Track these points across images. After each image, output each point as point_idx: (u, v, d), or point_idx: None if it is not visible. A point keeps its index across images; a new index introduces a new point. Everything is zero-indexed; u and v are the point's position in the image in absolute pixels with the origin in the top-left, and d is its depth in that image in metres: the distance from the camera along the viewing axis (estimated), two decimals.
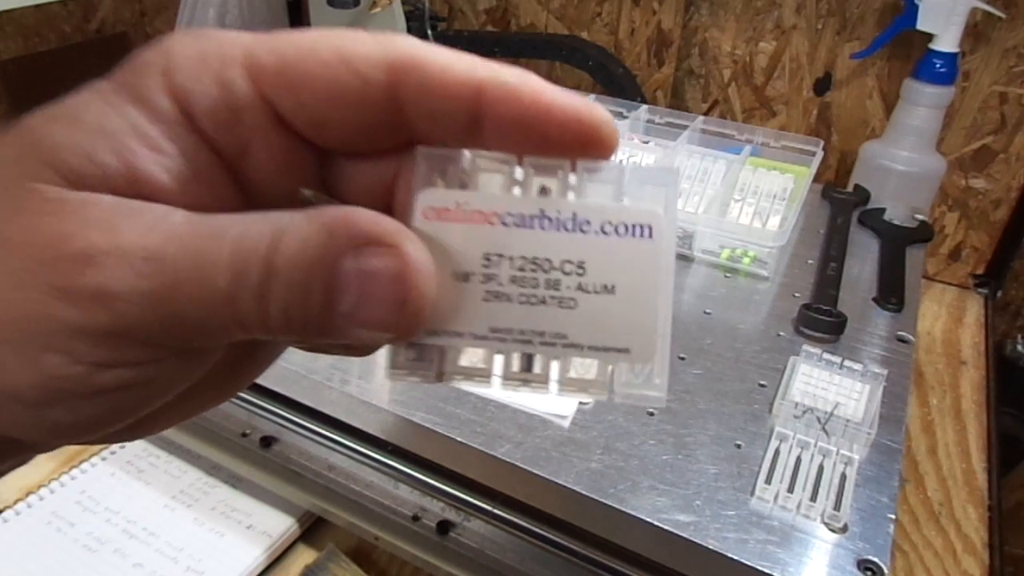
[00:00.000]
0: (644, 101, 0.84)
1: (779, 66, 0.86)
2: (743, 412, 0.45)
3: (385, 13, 0.92)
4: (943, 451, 0.63)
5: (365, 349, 0.18)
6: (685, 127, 0.73)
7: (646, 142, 0.71)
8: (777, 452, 0.42)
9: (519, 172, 0.16)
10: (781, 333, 0.53)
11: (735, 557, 0.36)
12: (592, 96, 0.79)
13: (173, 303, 0.14)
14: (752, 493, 0.39)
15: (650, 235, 0.16)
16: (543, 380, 0.16)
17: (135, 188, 0.15)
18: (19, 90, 1.08)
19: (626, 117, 0.76)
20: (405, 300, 0.14)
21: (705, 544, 0.37)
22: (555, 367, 0.16)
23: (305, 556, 0.52)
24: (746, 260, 0.60)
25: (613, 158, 0.17)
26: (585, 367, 0.16)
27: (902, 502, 0.57)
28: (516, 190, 0.16)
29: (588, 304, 0.16)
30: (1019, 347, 0.82)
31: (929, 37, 0.73)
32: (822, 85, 0.85)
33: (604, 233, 0.16)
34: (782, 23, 0.84)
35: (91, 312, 0.14)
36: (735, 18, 0.86)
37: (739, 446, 0.42)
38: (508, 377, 0.16)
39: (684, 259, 0.61)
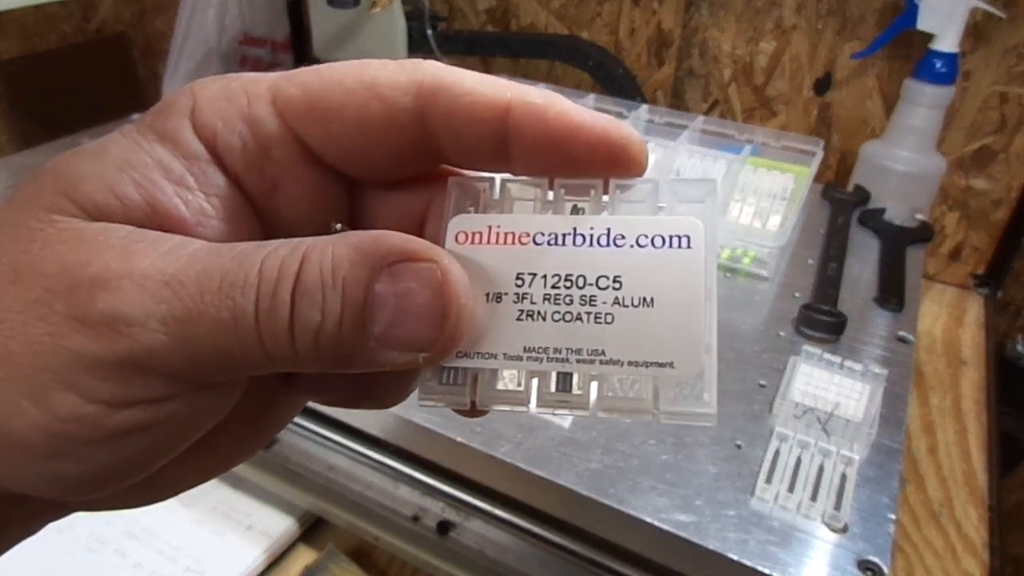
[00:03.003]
0: (644, 101, 0.84)
1: (779, 66, 0.86)
2: (743, 412, 0.45)
3: (385, 13, 0.92)
4: (943, 451, 0.63)
5: (392, 388, 0.17)
6: (685, 127, 0.73)
7: (646, 142, 0.71)
8: (777, 452, 0.42)
9: (551, 196, 0.16)
10: (781, 333, 0.53)
11: (735, 557, 0.36)
12: (592, 96, 0.79)
13: (195, 329, 0.13)
14: (752, 493, 0.39)
15: (688, 245, 0.15)
16: (583, 402, 0.15)
17: (157, 222, 0.15)
18: (19, 90, 1.08)
19: (626, 117, 0.76)
20: (446, 314, 0.14)
21: (705, 544, 0.37)
22: (594, 387, 0.15)
23: (305, 556, 0.52)
24: (746, 260, 0.60)
25: (646, 176, 0.16)
26: (627, 386, 0.15)
27: (902, 502, 0.57)
28: (549, 212, 0.16)
29: (626, 318, 0.15)
30: (1019, 347, 0.82)
31: (929, 37, 0.73)
32: (822, 85, 0.85)
33: (640, 246, 0.15)
34: (782, 23, 0.84)
35: (106, 340, 0.13)
36: (735, 18, 0.86)
37: (739, 446, 0.42)
38: (545, 400, 0.16)
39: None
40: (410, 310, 0.14)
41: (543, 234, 0.16)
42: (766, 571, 0.36)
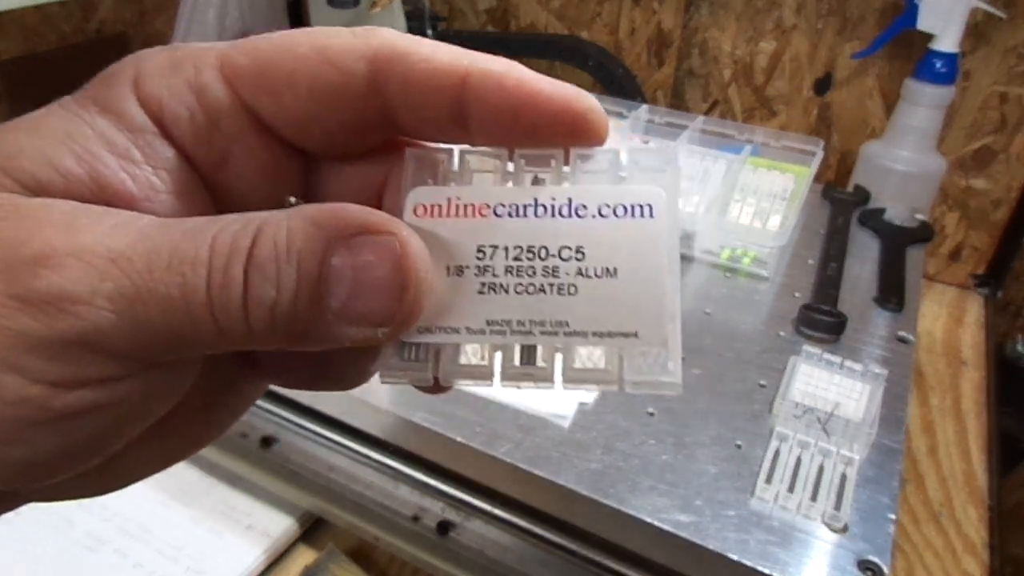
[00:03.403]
0: (644, 101, 0.84)
1: (779, 66, 0.86)
2: (743, 412, 0.45)
3: (385, 13, 0.92)
4: (943, 451, 0.63)
5: (352, 367, 0.17)
6: (685, 127, 0.73)
7: (646, 142, 0.71)
8: (777, 452, 0.42)
9: (511, 167, 0.16)
10: (781, 333, 0.53)
11: (735, 557, 0.36)
12: (592, 96, 0.79)
13: (143, 307, 0.13)
14: (752, 493, 0.39)
15: (651, 214, 0.15)
16: (547, 374, 0.15)
17: (102, 198, 0.14)
18: (19, 90, 1.08)
19: (626, 117, 0.76)
20: (405, 287, 0.14)
21: (705, 544, 0.37)
22: (559, 359, 0.15)
23: (305, 556, 0.52)
24: (746, 260, 0.60)
25: (606, 146, 0.16)
26: (591, 357, 0.15)
27: (902, 502, 0.57)
28: (509, 183, 0.16)
29: (590, 289, 0.15)
30: (1019, 347, 0.82)
31: (929, 37, 0.73)
32: (822, 85, 0.85)
33: (602, 216, 0.15)
34: (782, 23, 0.84)
35: (50, 319, 0.12)
36: (735, 18, 0.86)
37: (739, 446, 0.42)
38: (509, 374, 0.15)
39: (684, 259, 0.61)
40: (368, 283, 0.13)
41: (503, 205, 0.15)
42: (766, 571, 0.36)
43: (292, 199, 0.16)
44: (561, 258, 0.15)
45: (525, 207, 0.15)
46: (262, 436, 0.52)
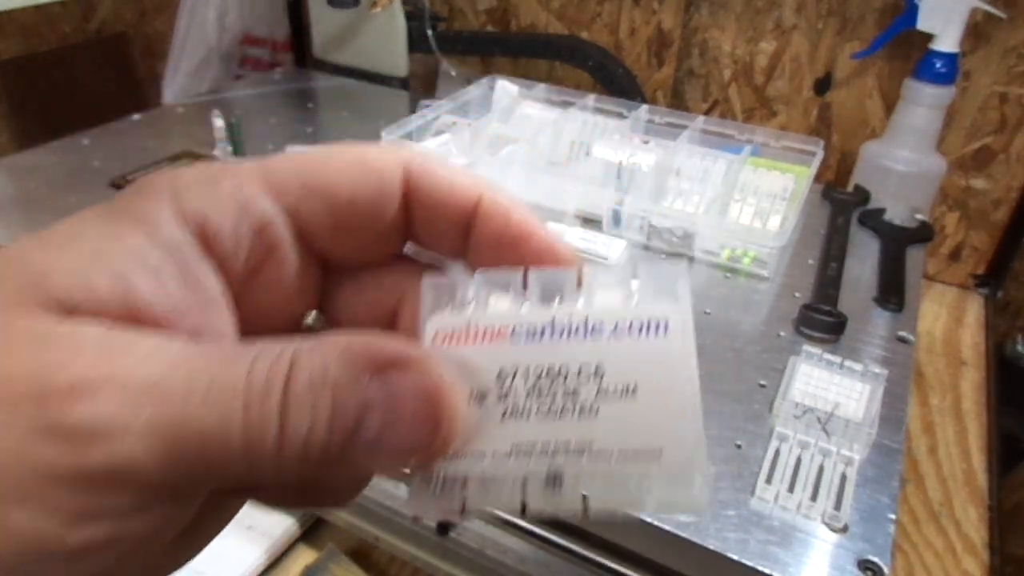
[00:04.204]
0: (644, 101, 0.84)
1: (779, 66, 0.86)
2: (743, 412, 0.45)
3: (385, 13, 0.92)
4: (943, 451, 0.63)
5: (347, 489, 0.17)
6: (685, 127, 0.73)
7: (646, 142, 0.71)
8: (777, 452, 0.42)
9: (526, 288, 0.16)
10: (781, 333, 0.53)
11: (735, 557, 0.36)
12: (592, 96, 0.79)
13: (180, 438, 0.12)
14: (752, 493, 0.39)
15: (666, 331, 0.15)
16: (574, 500, 0.15)
17: (131, 316, 0.14)
18: (19, 90, 1.08)
19: (626, 117, 0.76)
20: (438, 421, 0.14)
21: (705, 544, 0.37)
22: (584, 485, 0.15)
23: (305, 556, 0.52)
24: (746, 260, 0.60)
25: (620, 263, 0.16)
26: (617, 480, 0.15)
27: (902, 502, 0.57)
28: (525, 304, 0.16)
29: (611, 409, 0.15)
30: (1019, 347, 0.82)
31: (929, 37, 0.73)
32: (822, 85, 0.85)
33: (618, 335, 0.15)
34: (782, 23, 0.84)
35: (80, 451, 0.12)
36: (735, 18, 0.86)
37: (739, 446, 0.42)
38: (536, 501, 0.15)
39: (684, 259, 0.61)
40: (401, 417, 0.13)
41: (521, 329, 0.15)
42: (766, 571, 0.36)
43: (310, 319, 0.16)
44: (581, 379, 0.15)
45: (542, 329, 0.15)
46: None
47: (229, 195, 0.15)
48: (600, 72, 0.89)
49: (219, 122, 0.76)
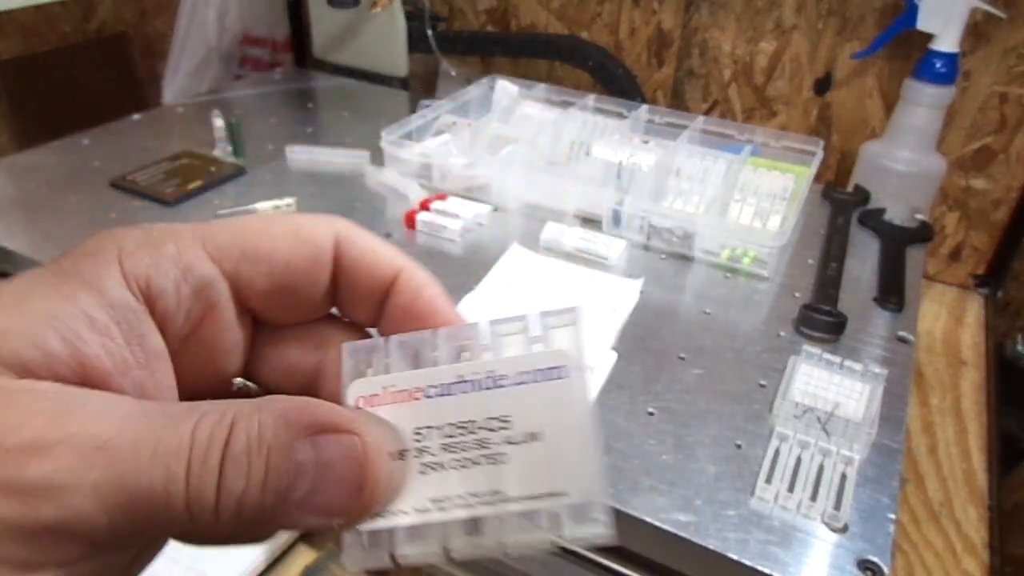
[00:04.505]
0: (644, 101, 0.84)
1: (779, 66, 0.86)
2: (743, 412, 0.45)
3: (385, 13, 0.92)
4: (943, 451, 0.63)
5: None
6: (685, 127, 0.73)
7: (646, 142, 0.71)
8: (777, 452, 0.42)
9: (435, 346, 0.17)
10: (781, 333, 0.53)
11: (735, 557, 0.36)
12: (592, 96, 0.79)
13: (126, 494, 0.13)
14: (752, 493, 0.39)
15: (562, 375, 0.16)
16: (493, 541, 0.16)
17: (81, 374, 0.15)
18: (19, 90, 1.08)
19: (626, 117, 0.76)
20: (363, 484, 0.15)
21: (705, 544, 0.37)
22: (500, 529, 0.16)
23: (305, 556, 0.52)
24: (746, 260, 0.60)
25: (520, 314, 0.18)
26: (530, 520, 0.16)
27: (902, 502, 0.57)
28: (436, 364, 0.17)
29: (519, 455, 0.16)
30: (1019, 347, 0.82)
31: (929, 37, 0.73)
32: (822, 85, 0.85)
33: (521, 383, 0.16)
34: (782, 23, 0.84)
35: (32, 506, 0.13)
36: (735, 18, 0.86)
37: (739, 446, 0.42)
38: (459, 548, 0.16)
39: (684, 259, 0.61)
40: (330, 479, 0.14)
41: (433, 387, 0.16)
42: (766, 571, 0.36)
43: (238, 381, 0.18)
44: (490, 429, 0.16)
45: (451, 385, 0.16)
46: None
47: (172, 258, 0.16)
48: (600, 72, 0.89)
49: (219, 122, 0.76)
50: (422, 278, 0.18)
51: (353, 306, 0.18)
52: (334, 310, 0.19)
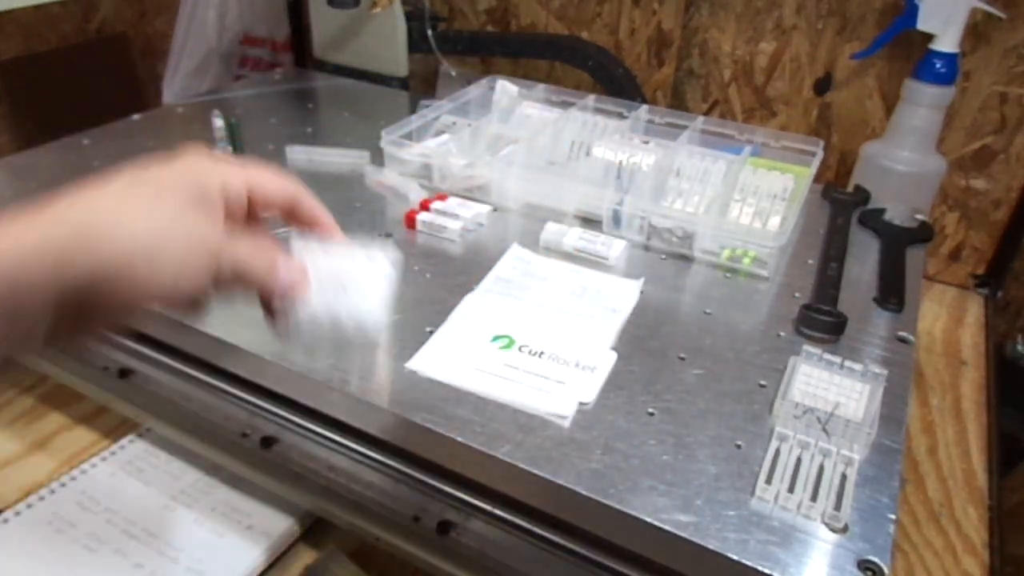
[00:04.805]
0: (644, 101, 0.84)
1: (779, 66, 0.86)
2: (743, 412, 0.45)
3: (385, 13, 0.92)
4: (943, 451, 0.63)
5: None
6: (685, 127, 0.73)
7: (646, 142, 0.71)
8: (777, 452, 0.42)
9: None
10: (781, 333, 0.53)
11: (735, 557, 0.36)
12: (592, 96, 0.79)
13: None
14: (752, 493, 0.39)
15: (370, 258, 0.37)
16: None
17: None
18: (19, 90, 1.08)
19: (626, 117, 0.76)
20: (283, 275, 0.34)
21: (705, 544, 0.37)
22: (341, 306, 0.36)
23: (305, 556, 0.52)
24: (746, 260, 0.60)
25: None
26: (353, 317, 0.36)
27: (902, 502, 0.57)
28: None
29: (351, 289, 0.37)
30: (1019, 347, 0.82)
31: (929, 37, 0.73)
32: (822, 85, 0.85)
33: (352, 258, 0.37)
34: (782, 23, 0.84)
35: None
36: (735, 18, 0.86)
37: (739, 446, 0.42)
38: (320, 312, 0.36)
39: (684, 259, 0.61)
40: (267, 268, 0.34)
41: (316, 257, 0.36)
42: (766, 571, 0.36)
43: (282, 230, 0.37)
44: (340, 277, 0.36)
45: (323, 258, 0.36)
46: (262, 436, 0.52)
47: (237, 187, 0.34)
48: (600, 72, 0.89)
49: (219, 122, 0.76)
50: (312, 204, 0.37)
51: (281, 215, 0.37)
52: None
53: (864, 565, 0.36)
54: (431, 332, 0.50)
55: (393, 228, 0.64)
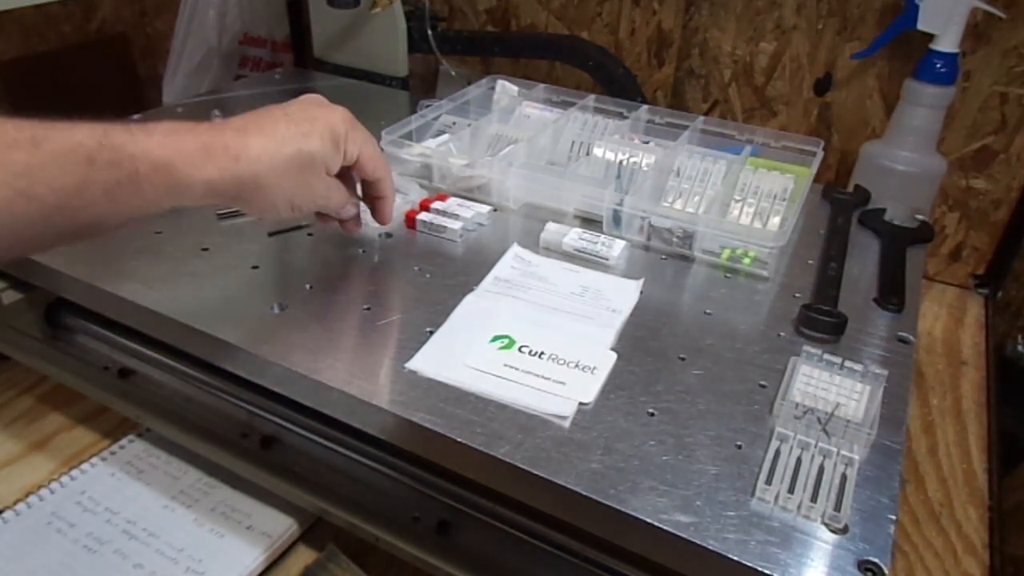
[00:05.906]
0: (644, 101, 0.84)
1: (779, 66, 0.86)
2: (743, 412, 0.45)
3: (385, 13, 0.92)
4: (943, 451, 0.63)
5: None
6: (685, 127, 0.73)
7: (646, 142, 0.71)
8: (778, 452, 0.42)
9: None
10: (781, 333, 0.53)
11: (735, 558, 0.36)
12: (592, 96, 0.79)
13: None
14: (752, 494, 0.39)
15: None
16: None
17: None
18: (19, 90, 1.08)
19: (626, 117, 0.76)
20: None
21: (705, 545, 0.37)
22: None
23: (305, 556, 0.52)
24: (746, 260, 0.60)
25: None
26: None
27: (903, 503, 0.57)
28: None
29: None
30: (1019, 347, 0.82)
31: (929, 37, 0.73)
32: (822, 85, 0.85)
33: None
34: (782, 23, 0.84)
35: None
36: (735, 18, 0.86)
37: (739, 447, 0.42)
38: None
39: (684, 259, 0.61)
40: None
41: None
42: (766, 571, 0.36)
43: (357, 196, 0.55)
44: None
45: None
46: (262, 436, 0.52)
47: (354, 142, 0.51)
48: (600, 72, 0.89)
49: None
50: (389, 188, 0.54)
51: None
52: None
53: (864, 566, 0.36)
54: (431, 332, 0.50)
55: (393, 228, 0.64)
